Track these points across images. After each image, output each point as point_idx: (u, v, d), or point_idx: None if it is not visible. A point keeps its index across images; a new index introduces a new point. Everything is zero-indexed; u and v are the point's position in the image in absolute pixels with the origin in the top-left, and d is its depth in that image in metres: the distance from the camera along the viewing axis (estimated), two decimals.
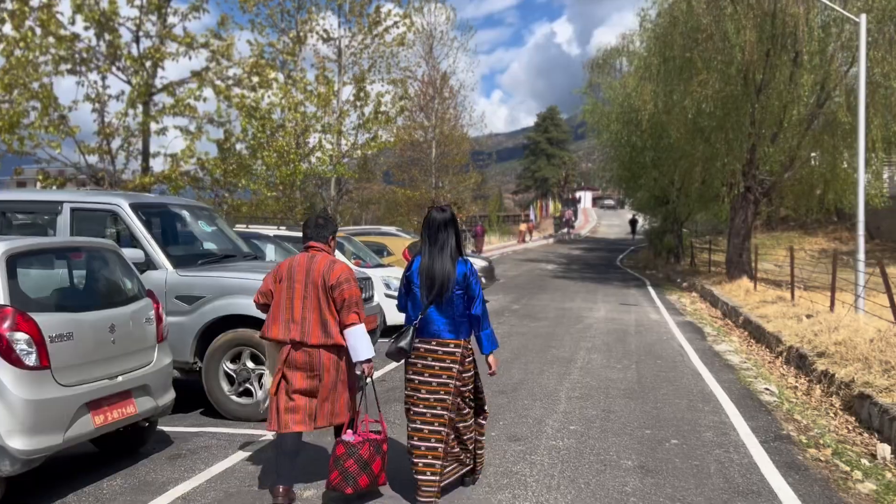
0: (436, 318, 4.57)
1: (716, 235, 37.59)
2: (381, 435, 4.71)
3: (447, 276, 4.51)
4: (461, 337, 4.61)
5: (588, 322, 14.13)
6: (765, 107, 19.84)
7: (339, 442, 4.56)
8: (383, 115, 25.83)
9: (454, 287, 4.53)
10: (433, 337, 4.57)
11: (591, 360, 10.02)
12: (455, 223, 4.68)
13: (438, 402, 4.53)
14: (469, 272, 4.61)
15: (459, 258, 4.63)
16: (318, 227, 4.90)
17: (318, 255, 4.77)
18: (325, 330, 4.60)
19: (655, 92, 22.94)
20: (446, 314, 4.57)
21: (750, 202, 21.80)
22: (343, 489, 4.51)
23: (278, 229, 12.14)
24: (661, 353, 10.76)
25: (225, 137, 17.97)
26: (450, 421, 4.55)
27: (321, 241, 4.85)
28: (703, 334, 13.01)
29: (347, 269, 4.76)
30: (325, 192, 26.91)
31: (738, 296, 17.38)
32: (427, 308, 4.54)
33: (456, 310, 4.58)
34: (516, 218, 71.44)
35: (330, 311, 4.61)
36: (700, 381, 8.69)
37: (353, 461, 4.48)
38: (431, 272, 4.52)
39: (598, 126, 31.93)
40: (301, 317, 4.61)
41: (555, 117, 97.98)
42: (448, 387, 4.53)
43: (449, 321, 4.57)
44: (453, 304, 4.56)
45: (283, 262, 4.87)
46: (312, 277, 4.64)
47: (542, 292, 19.96)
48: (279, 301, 4.71)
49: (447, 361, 4.55)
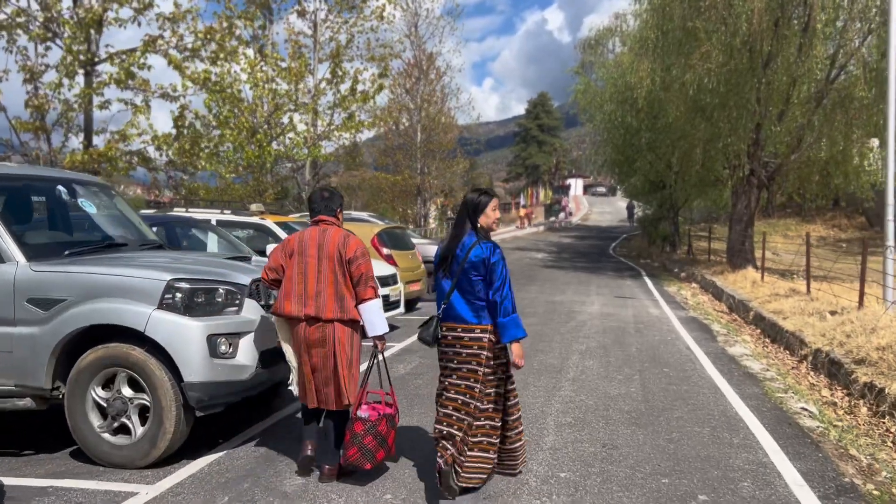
0: (458, 304, 4.42)
1: (711, 223, 36.12)
2: (393, 408, 4.72)
3: (459, 250, 4.38)
4: (485, 322, 4.39)
5: (581, 319, 12.51)
6: (771, 82, 18.21)
7: (357, 419, 4.52)
8: (361, 95, 24.15)
9: (473, 270, 4.34)
10: (457, 322, 4.41)
11: (585, 368, 8.39)
12: (474, 205, 4.47)
13: (468, 389, 4.37)
14: (489, 255, 4.34)
15: (482, 241, 4.40)
16: (325, 200, 4.79)
17: (330, 228, 4.69)
18: (342, 304, 4.54)
19: (653, 68, 21.22)
20: (468, 299, 4.40)
21: (753, 186, 20.21)
22: (362, 465, 4.51)
23: (222, 213, 10.44)
24: (668, 358, 9.14)
25: (179, 113, 16.22)
26: (475, 409, 4.35)
27: (330, 214, 4.76)
28: (712, 333, 11.41)
29: (362, 243, 4.70)
30: (300, 176, 25.17)
31: (744, 287, 15.79)
32: (450, 295, 4.42)
33: (477, 294, 4.37)
34: (507, 206, 70.07)
35: (346, 286, 4.55)
36: (720, 399, 7.06)
37: (371, 437, 4.49)
38: (447, 248, 4.46)
39: (590, 107, 30.17)
40: (315, 291, 4.53)
41: (546, 104, 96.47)
42: (477, 374, 4.36)
43: (471, 307, 4.39)
44: (473, 289, 4.37)
45: (291, 236, 4.76)
46: (327, 251, 4.57)
47: (530, 284, 18.32)
48: (291, 276, 4.61)
49: (475, 347, 4.38)
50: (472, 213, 4.46)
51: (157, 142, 15.20)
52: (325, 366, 4.58)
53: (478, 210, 4.44)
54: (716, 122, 19.48)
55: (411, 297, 12.84)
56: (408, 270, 12.61)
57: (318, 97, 24.21)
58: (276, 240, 10.03)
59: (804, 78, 18.12)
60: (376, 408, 4.64)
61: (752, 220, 20.92)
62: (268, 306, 5.05)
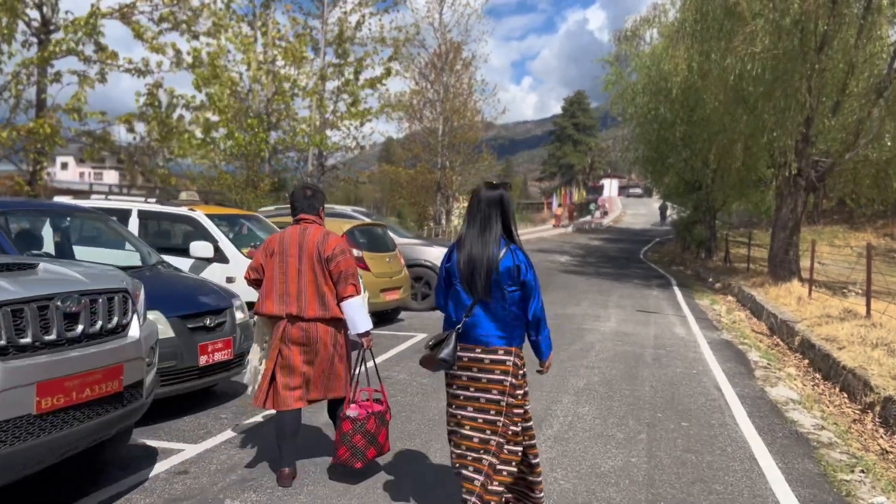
0: (483, 321, 3.68)
1: (750, 228, 33.53)
2: (384, 406, 4.63)
3: (490, 263, 3.62)
4: (514, 344, 3.68)
5: (590, 339, 10.42)
6: (826, 69, 15.90)
7: (345, 418, 4.44)
8: (368, 80, 22.28)
9: (505, 280, 3.63)
10: (477, 343, 3.67)
11: (576, 418, 6.33)
12: (504, 203, 3.73)
13: (488, 424, 3.62)
14: (524, 263, 3.67)
15: (512, 246, 3.70)
16: (307, 199, 4.68)
17: (311, 226, 4.57)
18: (323, 303, 4.47)
19: (689, 53, 18.93)
20: (496, 315, 3.67)
21: (801, 188, 17.84)
22: (352, 464, 4.44)
23: (146, 202, 8.55)
24: (690, 403, 7.03)
25: (148, 91, 14.45)
26: (497, 447, 3.60)
27: (312, 212, 4.65)
28: (749, 364, 9.25)
29: (342, 240, 4.58)
30: (302, 167, 23.37)
31: (788, 304, 13.53)
32: (473, 308, 3.67)
33: (508, 310, 3.67)
34: (539, 206, 68.07)
35: (327, 284, 4.47)
36: (759, 484, 4.93)
37: (360, 436, 4.41)
38: (471, 259, 3.66)
39: (622, 99, 27.87)
40: (297, 290, 4.46)
41: (582, 102, 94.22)
42: (499, 405, 3.62)
43: (499, 324, 3.67)
44: (505, 301, 3.66)
45: (273, 236, 4.67)
46: (307, 250, 4.47)
47: (543, 292, 16.17)
48: (272, 276, 4.53)
49: (497, 373, 3.64)
50: (503, 212, 3.73)
51: (119, 121, 13.42)
52: (312, 364, 4.47)
53: (509, 209, 3.75)
54: (759, 115, 17.20)
55: (388, 307, 10.88)
56: (384, 276, 10.65)
57: (325, 81, 22.38)
58: (202, 236, 8.13)
59: (864, 65, 15.81)
60: (364, 406, 4.55)
61: (798, 226, 18.55)
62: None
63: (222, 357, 5.93)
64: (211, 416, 6.00)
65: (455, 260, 3.78)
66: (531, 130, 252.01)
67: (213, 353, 5.81)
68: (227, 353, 5.99)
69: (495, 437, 3.59)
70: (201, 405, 6.26)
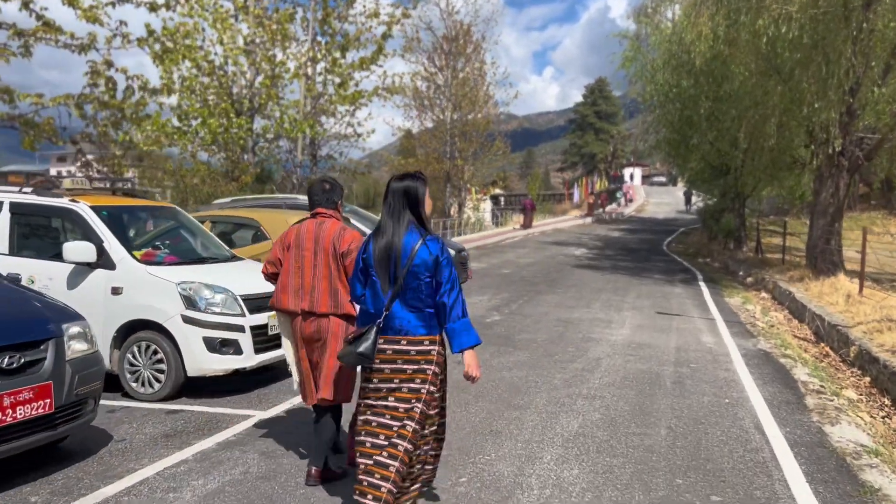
0: (401, 312, 3.65)
1: (781, 216, 31.17)
2: None
3: (403, 251, 3.60)
4: (434, 332, 3.68)
5: (595, 354, 8.46)
6: (874, 28, 13.69)
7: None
8: (359, 60, 20.41)
9: (422, 270, 3.59)
10: (400, 335, 3.64)
11: (559, 485, 4.39)
12: (411, 193, 3.70)
13: (406, 412, 3.61)
14: (438, 253, 3.62)
15: (428, 236, 3.65)
16: (325, 193, 4.55)
17: (327, 221, 4.47)
18: (335, 299, 4.34)
19: (715, 18, 16.78)
20: (414, 306, 3.64)
21: (844, 169, 15.68)
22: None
23: (20, 192, 6.74)
24: (722, 458, 5.05)
25: (92, 69, 12.67)
26: (413, 433, 3.58)
27: (330, 206, 4.54)
28: (797, 388, 7.23)
29: (359, 236, 4.40)
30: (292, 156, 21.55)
31: (835, 304, 11.46)
32: (393, 300, 3.64)
33: (426, 301, 3.64)
34: (560, 197, 66.20)
35: (340, 280, 4.37)
36: None
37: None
38: (387, 249, 3.64)
39: (641, 77, 25.67)
40: (311, 285, 4.37)
41: (604, 89, 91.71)
42: (420, 393, 3.62)
43: (418, 314, 3.65)
44: (421, 292, 3.63)
45: (290, 229, 4.55)
46: (322, 244, 4.38)
47: (550, 291, 14.23)
48: (288, 269, 4.45)
49: (421, 363, 3.64)
50: (413, 204, 3.68)
51: (53, 102, 11.66)
52: (321, 360, 4.36)
53: (419, 200, 3.69)
54: (796, 85, 15.04)
55: None
56: None
57: (315, 63, 20.51)
58: (83, 234, 6.29)
59: None
60: None
61: (841, 211, 16.40)
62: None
63: (30, 412, 4.05)
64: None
65: (371, 251, 3.71)
66: (553, 121, 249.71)
67: (12, 408, 3.94)
68: (43, 405, 4.12)
69: (412, 423, 3.58)
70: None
